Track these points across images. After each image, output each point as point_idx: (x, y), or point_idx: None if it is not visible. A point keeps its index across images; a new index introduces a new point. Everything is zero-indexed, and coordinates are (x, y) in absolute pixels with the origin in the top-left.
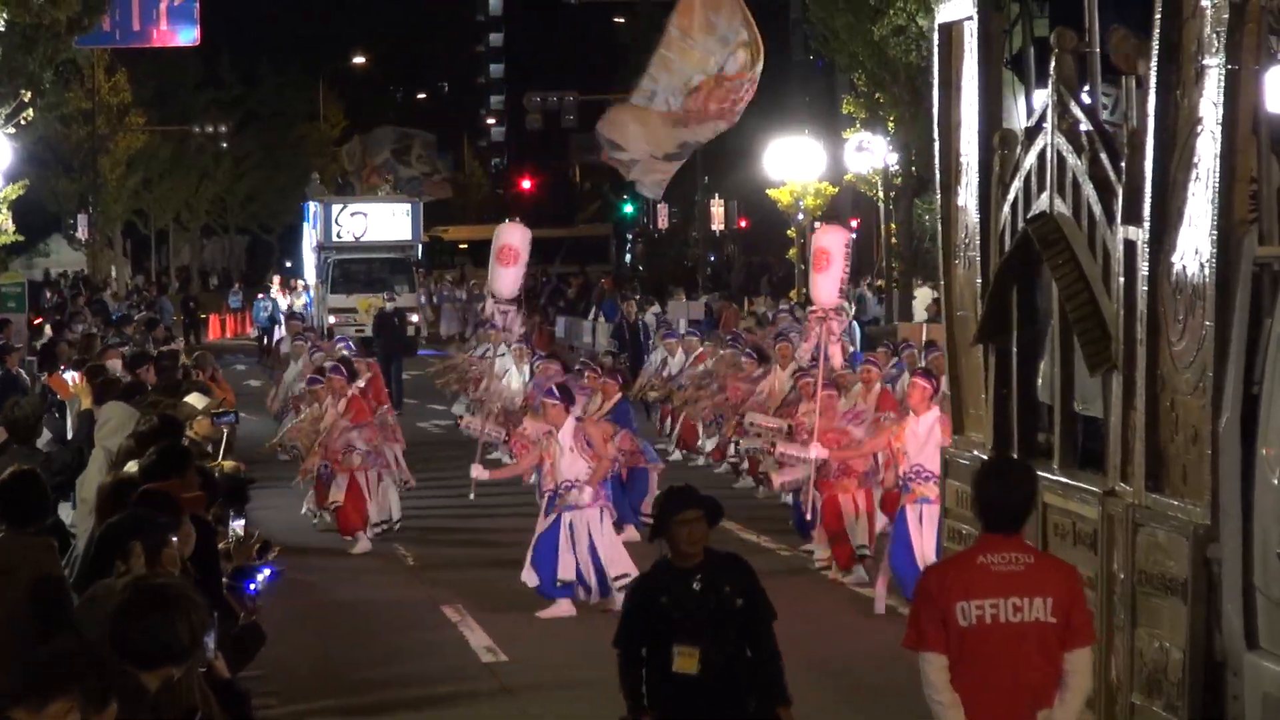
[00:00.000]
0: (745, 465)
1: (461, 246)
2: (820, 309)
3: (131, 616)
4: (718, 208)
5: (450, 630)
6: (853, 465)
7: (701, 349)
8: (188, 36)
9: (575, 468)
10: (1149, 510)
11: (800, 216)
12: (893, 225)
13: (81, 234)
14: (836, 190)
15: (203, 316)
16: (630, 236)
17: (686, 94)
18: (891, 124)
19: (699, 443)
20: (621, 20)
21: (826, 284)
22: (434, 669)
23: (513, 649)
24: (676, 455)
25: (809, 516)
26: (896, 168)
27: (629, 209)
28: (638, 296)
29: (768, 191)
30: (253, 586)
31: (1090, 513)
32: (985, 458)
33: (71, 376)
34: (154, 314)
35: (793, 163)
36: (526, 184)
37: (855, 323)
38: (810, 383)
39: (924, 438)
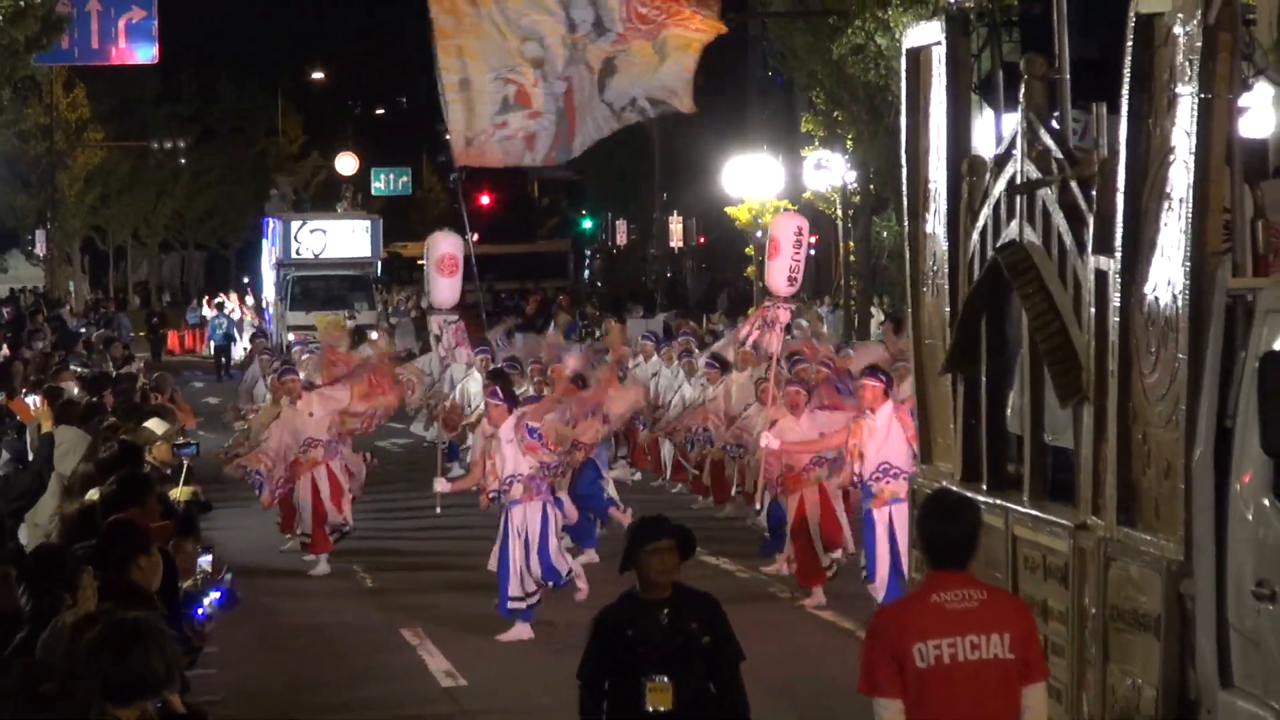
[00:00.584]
0: (706, 479)
1: (420, 263)
2: (770, 301)
3: (107, 651)
4: (676, 225)
5: (409, 654)
6: (801, 460)
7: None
8: (146, 54)
9: (516, 463)
10: (1121, 544)
11: (759, 234)
12: (851, 243)
13: (40, 250)
14: (795, 208)
15: (164, 332)
16: (588, 253)
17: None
18: (850, 142)
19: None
20: None
21: (777, 270)
22: (393, 693)
23: (472, 673)
24: (637, 475)
25: (758, 506)
26: (855, 186)
27: (587, 225)
28: (595, 312)
29: (726, 209)
30: (200, 611)
31: (1061, 546)
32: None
33: (33, 400)
34: (111, 331)
35: (751, 180)
36: (485, 199)
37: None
38: (767, 384)
39: (883, 431)
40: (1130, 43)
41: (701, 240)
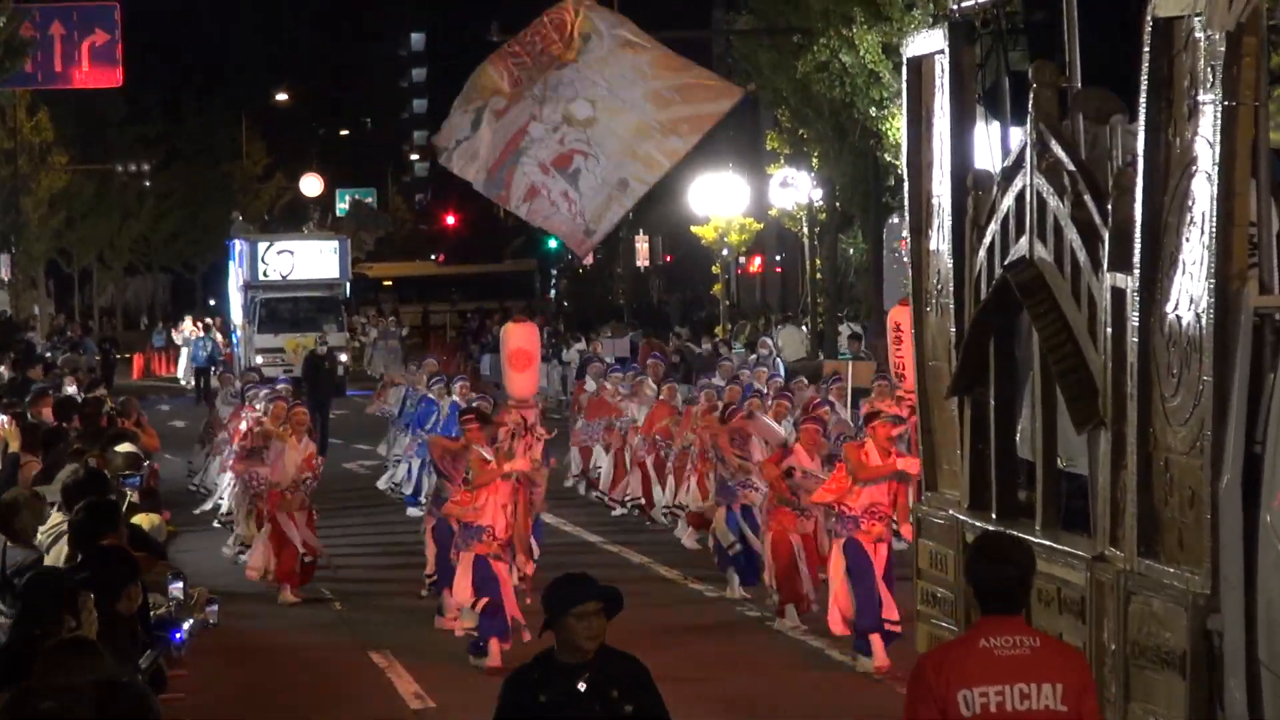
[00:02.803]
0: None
1: (386, 283)
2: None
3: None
4: (642, 243)
5: (378, 676)
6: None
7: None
8: (110, 78)
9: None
10: (1142, 577)
11: (725, 252)
12: (817, 261)
13: (4, 274)
14: (761, 226)
15: (123, 357)
16: (555, 272)
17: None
18: (815, 159)
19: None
20: None
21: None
22: (362, 716)
23: (441, 696)
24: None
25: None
26: (821, 203)
27: (553, 244)
28: (564, 331)
29: (692, 228)
30: (179, 635)
31: (1077, 578)
32: (968, 521)
33: (2, 420)
34: (78, 356)
35: (717, 198)
36: (451, 219)
37: (780, 360)
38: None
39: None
40: (1147, 48)
41: (668, 259)
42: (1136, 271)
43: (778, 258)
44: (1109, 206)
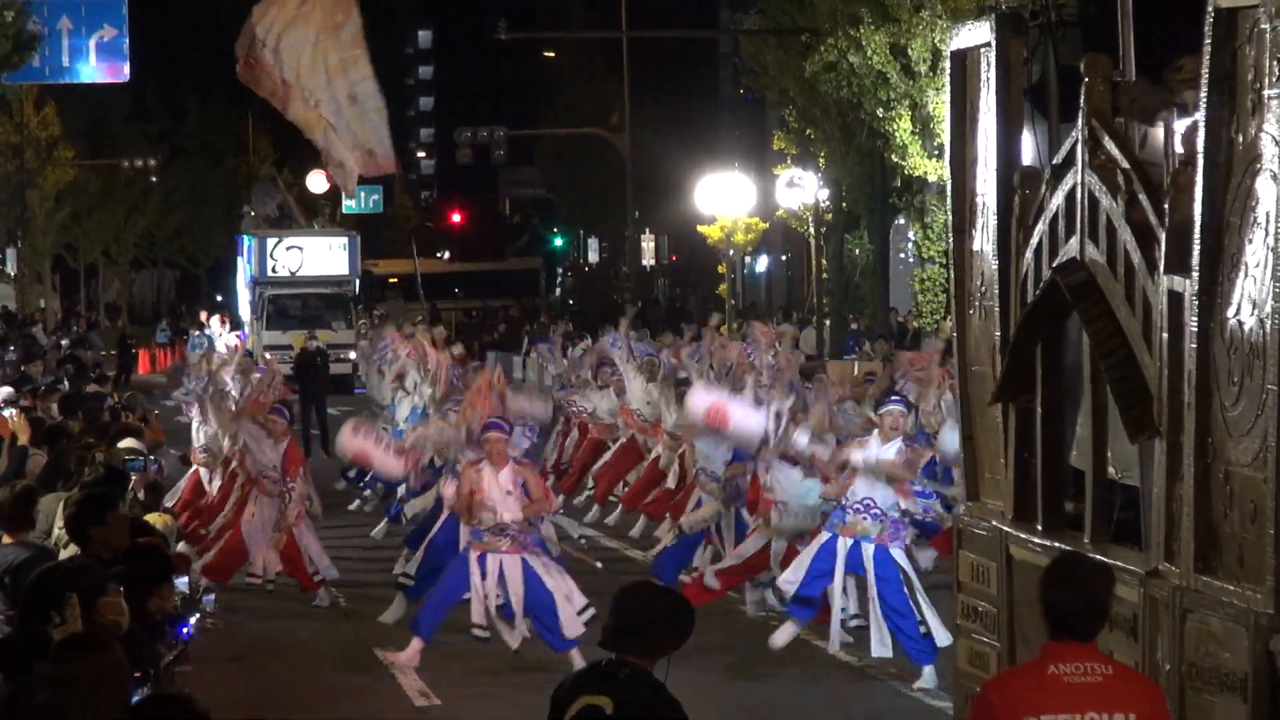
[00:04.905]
0: None
1: (391, 280)
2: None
3: None
4: (648, 243)
5: (382, 673)
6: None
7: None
8: (117, 73)
9: (513, 510)
10: (1199, 595)
11: (730, 252)
12: (823, 261)
13: (10, 268)
14: (767, 226)
15: (134, 352)
16: (560, 270)
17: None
18: (822, 160)
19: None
20: (551, 54)
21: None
22: (366, 713)
23: (445, 693)
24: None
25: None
26: (827, 204)
27: (559, 243)
28: (569, 328)
29: (698, 227)
30: (185, 630)
31: (1129, 595)
32: (1012, 533)
33: (11, 414)
34: (82, 350)
35: (723, 198)
36: (456, 217)
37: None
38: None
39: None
40: (1208, 40)
41: (674, 258)
42: (1195, 274)
43: (784, 258)
44: (1165, 206)
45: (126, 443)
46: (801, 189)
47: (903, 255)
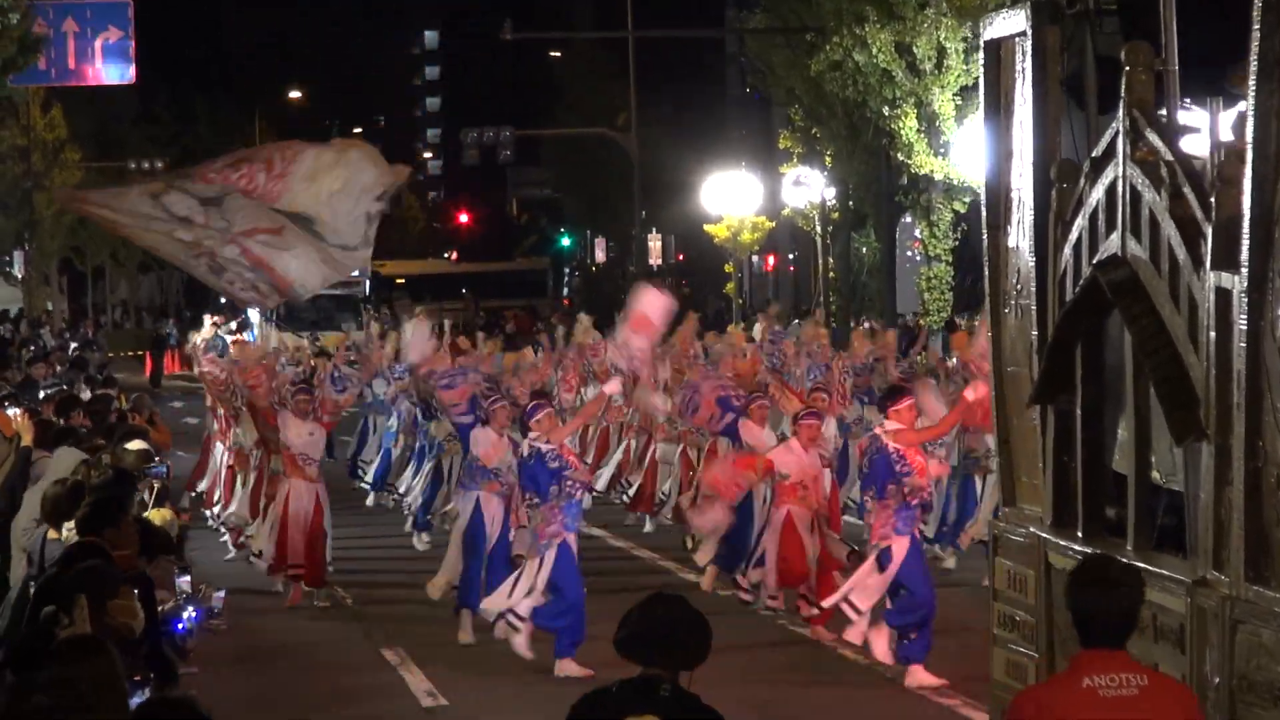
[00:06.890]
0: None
1: (399, 281)
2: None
3: None
4: (655, 242)
5: (390, 673)
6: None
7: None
8: (123, 75)
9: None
10: (1250, 605)
11: (737, 251)
12: (830, 259)
13: (18, 271)
14: (773, 225)
15: (136, 354)
16: (567, 270)
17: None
18: (828, 159)
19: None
20: (558, 55)
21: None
22: (374, 713)
23: (454, 694)
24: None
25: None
26: (834, 203)
27: (566, 242)
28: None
29: (705, 226)
30: (181, 626)
31: (1176, 604)
32: (1051, 539)
33: (14, 414)
34: (87, 352)
35: (730, 197)
36: (464, 218)
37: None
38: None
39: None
40: (1257, 27)
41: (681, 257)
42: (1244, 270)
43: (790, 256)
44: (1212, 200)
45: (135, 444)
46: (808, 188)
47: (909, 253)
